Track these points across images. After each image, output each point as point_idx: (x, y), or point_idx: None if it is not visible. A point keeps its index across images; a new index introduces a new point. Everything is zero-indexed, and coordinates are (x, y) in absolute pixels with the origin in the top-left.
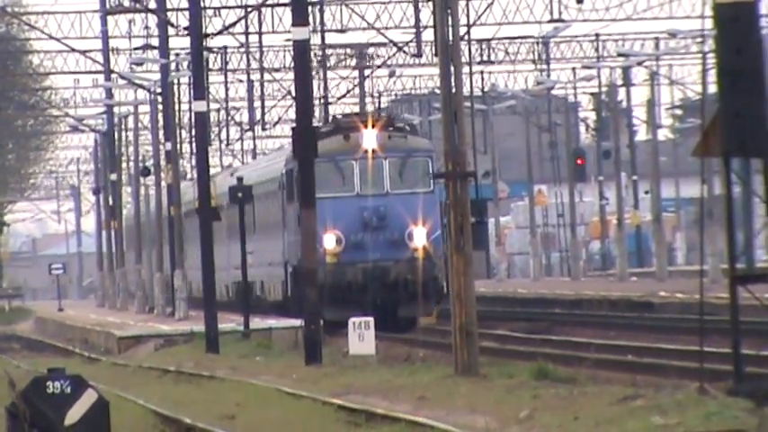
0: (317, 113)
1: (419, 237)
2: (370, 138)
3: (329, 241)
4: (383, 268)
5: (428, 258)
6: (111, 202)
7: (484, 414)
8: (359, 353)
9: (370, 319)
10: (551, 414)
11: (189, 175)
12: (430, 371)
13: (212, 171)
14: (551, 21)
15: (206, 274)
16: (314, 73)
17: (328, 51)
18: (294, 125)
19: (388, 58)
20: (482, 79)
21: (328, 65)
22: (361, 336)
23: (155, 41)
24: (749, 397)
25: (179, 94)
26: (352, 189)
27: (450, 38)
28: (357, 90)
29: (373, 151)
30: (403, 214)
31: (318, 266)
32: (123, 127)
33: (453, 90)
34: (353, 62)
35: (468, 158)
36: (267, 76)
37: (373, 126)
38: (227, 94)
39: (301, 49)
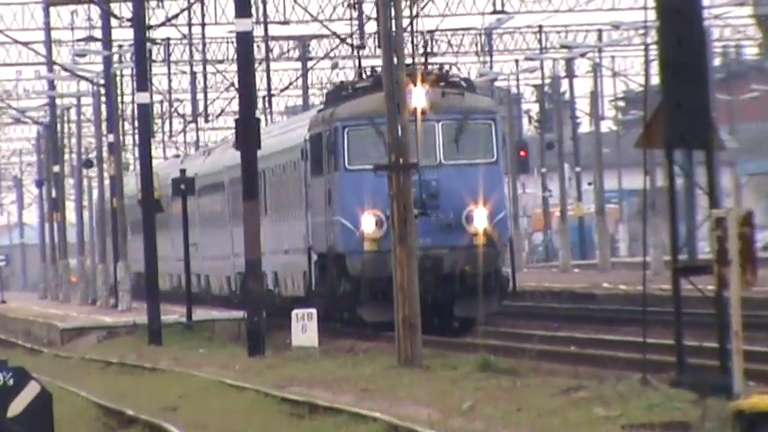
0: (259, 105)
1: (480, 219)
2: (419, 95)
3: (368, 224)
4: (435, 257)
5: (490, 245)
6: (53, 194)
7: (427, 405)
8: (302, 344)
9: (313, 311)
10: (494, 405)
11: (132, 167)
12: (373, 362)
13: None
14: (494, 12)
15: (148, 265)
16: (257, 65)
17: (271, 43)
18: (237, 117)
19: (331, 49)
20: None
21: (271, 57)
22: (304, 327)
23: (98, 33)
24: (692, 388)
25: (122, 86)
26: None
27: (393, 29)
28: (300, 82)
29: (423, 112)
30: (460, 191)
31: (355, 254)
32: (66, 119)
33: (396, 82)
34: (296, 54)
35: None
36: (210, 68)
37: (422, 81)
38: (170, 86)
39: (244, 40)
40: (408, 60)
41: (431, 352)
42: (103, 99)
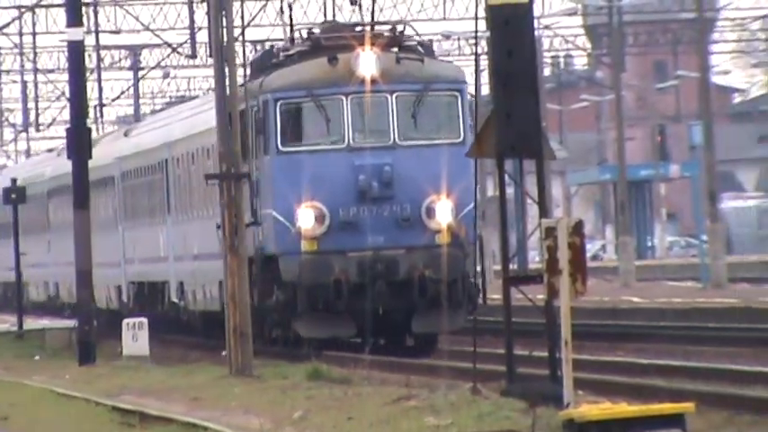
0: (91, 114)
1: (443, 212)
2: (368, 61)
3: (305, 219)
4: (389, 260)
5: (456, 245)
6: None
7: (258, 415)
8: (133, 353)
9: (144, 320)
10: (325, 414)
11: None
12: (204, 372)
13: None
14: (325, 22)
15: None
16: (88, 74)
17: (103, 52)
18: (68, 126)
19: (163, 59)
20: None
21: (103, 66)
22: (135, 336)
23: None
24: (522, 397)
25: None
26: (341, 139)
27: (225, 39)
28: (131, 91)
29: (374, 81)
30: (419, 178)
31: (290, 256)
32: None
33: (228, 91)
34: (128, 63)
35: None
36: (41, 78)
37: (372, 44)
38: (0, 95)
39: (75, 50)
40: (240, 71)
41: (261, 362)
42: None
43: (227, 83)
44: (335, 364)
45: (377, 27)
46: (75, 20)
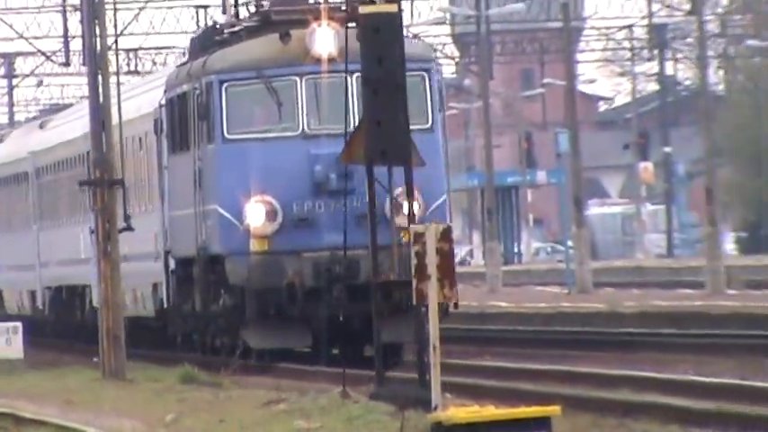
0: None
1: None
2: (326, 37)
3: (255, 215)
4: (349, 262)
5: None
6: None
7: (131, 417)
8: (6, 357)
9: (18, 324)
10: (197, 417)
11: None
12: (77, 375)
13: None
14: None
15: None
16: None
17: None
18: None
19: (37, 67)
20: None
21: None
22: (9, 340)
23: None
24: (391, 401)
25: None
26: (295, 125)
27: (98, 47)
28: (6, 99)
29: (331, 60)
30: (382, 169)
31: (237, 257)
32: None
33: (101, 99)
34: (2, 71)
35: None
36: None
37: (330, 18)
38: None
39: None
40: (113, 79)
41: (134, 365)
42: None
43: (101, 91)
44: (205, 369)
45: (333, 1)
46: None
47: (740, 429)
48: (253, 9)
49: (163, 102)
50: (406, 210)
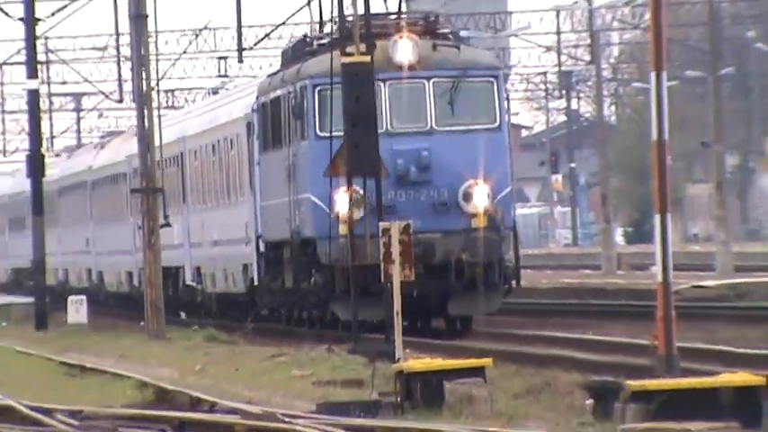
0: (44, 144)
1: (480, 197)
2: (406, 47)
3: (342, 203)
4: (426, 244)
5: (493, 229)
6: None
7: (169, 367)
8: (75, 321)
9: (83, 297)
10: (218, 367)
11: None
12: (129, 336)
13: None
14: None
15: None
16: (42, 114)
17: (54, 98)
18: (28, 153)
19: (98, 103)
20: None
21: (53, 108)
22: (77, 309)
23: None
24: (364, 355)
25: None
26: (380, 124)
27: (144, 88)
28: (74, 127)
29: (411, 67)
30: (456, 162)
31: (328, 240)
32: None
33: (146, 127)
34: (72, 106)
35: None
36: (8, 116)
37: (409, 31)
38: None
39: (32, 96)
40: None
41: (171, 329)
42: None
43: (146, 121)
44: (224, 331)
45: (410, 16)
46: (32, 74)
47: (628, 375)
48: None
49: (255, 106)
50: (475, 199)
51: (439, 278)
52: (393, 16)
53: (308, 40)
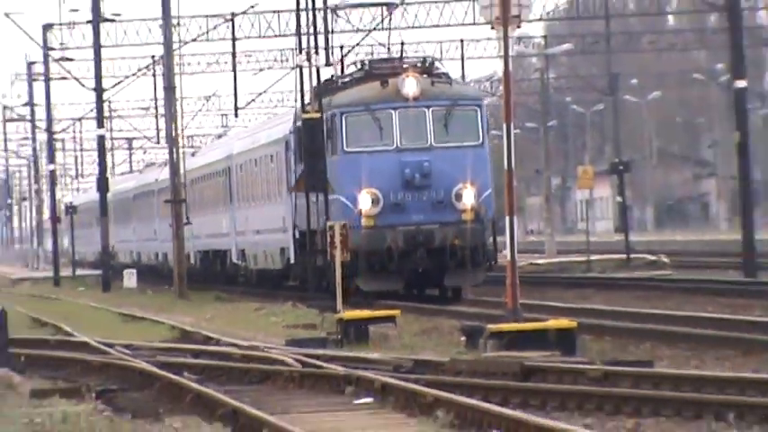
0: (108, 170)
1: (468, 197)
2: (411, 83)
3: (364, 201)
4: (427, 232)
5: (478, 221)
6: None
7: (188, 316)
8: (128, 286)
9: (134, 270)
10: (221, 317)
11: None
12: (163, 296)
13: None
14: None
15: (54, 244)
16: (108, 150)
17: (114, 141)
18: (98, 176)
19: (143, 144)
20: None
21: (114, 147)
22: (130, 278)
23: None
24: (317, 308)
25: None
26: (391, 142)
27: (173, 134)
28: (128, 159)
29: (415, 98)
30: (449, 171)
31: (353, 230)
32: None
33: (175, 161)
34: (126, 145)
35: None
36: (86, 154)
37: (413, 71)
38: (75, 161)
39: (101, 139)
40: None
41: (191, 292)
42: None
43: (175, 156)
44: (227, 293)
45: (409, 60)
46: (100, 125)
47: (489, 321)
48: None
49: (292, 129)
50: (465, 198)
51: (437, 258)
52: (397, 60)
53: (333, 79)
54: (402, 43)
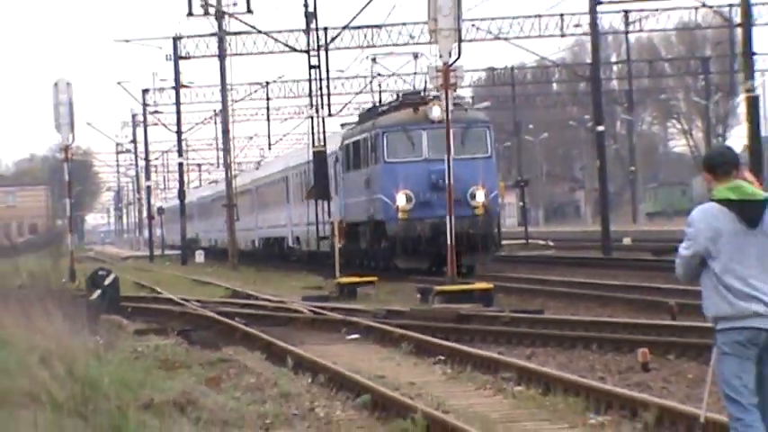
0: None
1: (480, 196)
2: (437, 110)
3: (401, 200)
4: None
5: (487, 215)
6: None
7: (240, 282)
8: (199, 262)
9: (202, 251)
10: (260, 283)
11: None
12: (221, 268)
13: None
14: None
15: (150, 234)
16: (185, 172)
17: (189, 165)
18: (178, 189)
19: (207, 168)
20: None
21: (190, 169)
22: (199, 255)
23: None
24: (323, 276)
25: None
26: (421, 154)
27: (229, 162)
28: (197, 180)
29: (440, 121)
30: (466, 176)
31: (392, 221)
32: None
33: (230, 178)
34: (197, 169)
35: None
36: (170, 175)
37: (439, 102)
38: (162, 181)
39: (180, 166)
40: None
41: (242, 265)
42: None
43: (230, 176)
44: (254, 269)
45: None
46: (180, 155)
47: (436, 284)
48: (395, 97)
49: (340, 145)
50: (477, 197)
51: (456, 244)
52: (422, 93)
53: (375, 106)
54: (425, 87)
